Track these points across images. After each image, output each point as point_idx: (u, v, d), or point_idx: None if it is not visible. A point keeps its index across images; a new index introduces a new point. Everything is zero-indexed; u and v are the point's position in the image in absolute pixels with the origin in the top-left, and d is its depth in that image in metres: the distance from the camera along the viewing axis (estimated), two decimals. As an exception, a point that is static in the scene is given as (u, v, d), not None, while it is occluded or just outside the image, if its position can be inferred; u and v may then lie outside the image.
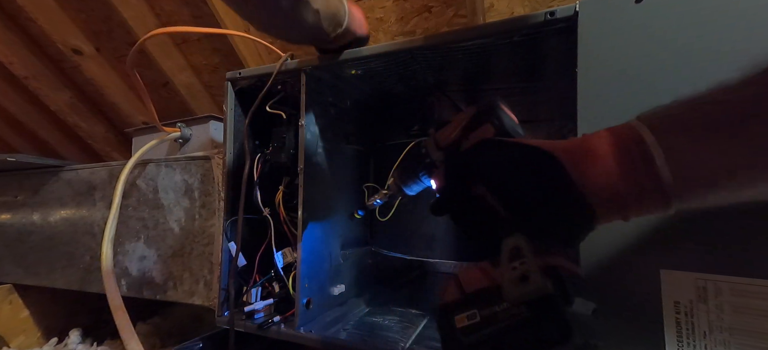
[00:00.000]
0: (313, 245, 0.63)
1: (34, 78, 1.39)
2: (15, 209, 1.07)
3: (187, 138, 0.96)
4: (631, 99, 0.40)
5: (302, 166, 0.61)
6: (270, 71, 0.64)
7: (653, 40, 0.40)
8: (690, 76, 0.38)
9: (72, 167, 1.00)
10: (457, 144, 0.38)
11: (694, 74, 0.38)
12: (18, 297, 1.08)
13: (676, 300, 0.38)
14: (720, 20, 0.37)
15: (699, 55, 0.38)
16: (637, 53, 0.41)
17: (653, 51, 0.40)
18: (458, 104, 0.81)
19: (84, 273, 0.93)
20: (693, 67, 0.38)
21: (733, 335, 0.36)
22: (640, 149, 0.25)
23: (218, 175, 0.76)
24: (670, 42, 0.39)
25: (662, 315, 0.38)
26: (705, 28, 0.38)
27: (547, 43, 0.51)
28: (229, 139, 0.71)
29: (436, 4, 0.89)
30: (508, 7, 0.83)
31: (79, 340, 1.06)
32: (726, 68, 0.37)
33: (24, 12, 1.18)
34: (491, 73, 0.64)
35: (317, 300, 0.64)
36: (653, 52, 0.40)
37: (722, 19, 0.37)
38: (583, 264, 0.41)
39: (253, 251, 0.70)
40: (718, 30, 0.38)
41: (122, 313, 0.75)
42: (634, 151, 0.26)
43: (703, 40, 0.38)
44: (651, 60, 0.40)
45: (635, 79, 0.40)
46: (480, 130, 0.36)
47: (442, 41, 0.53)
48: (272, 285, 0.68)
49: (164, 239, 0.82)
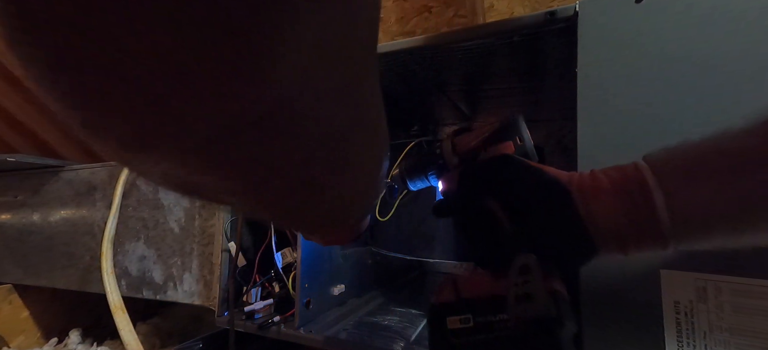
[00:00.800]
0: (312, 246, 0.63)
1: (34, 78, 1.39)
2: (15, 209, 1.07)
3: (187, 138, 0.96)
4: (631, 99, 0.40)
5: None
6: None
7: (653, 40, 0.40)
8: (690, 76, 0.38)
9: (72, 167, 1.00)
10: (473, 153, 0.38)
11: (693, 74, 0.38)
12: (18, 297, 1.08)
13: (676, 300, 0.38)
14: (721, 20, 0.37)
15: (699, 55, 0.38)
16: (638, 53, 0.41)
17: (654, 51, 0.40)
18: (458, 104, 0.81)
19: (84, 273, 0.93)
20: (693, 67, 0.38)
21: (733, 335, 0.36)
22: (642, 192, 0.27)
23: (218, 175, 0.76)
24: (670, 42, 0.39)
25: (662, 315, 0.38)
26: (706, 28, 0.38)
27: (547, 44, 0.51)
28: (229, 139, 0.71)
29: (436, 4, 0.89)
30: (508, 7, 0.83)
31: (79, 340, 1.06)
32: (726, 69, 0.37)
33: (24, 12, 1.18)
34: (491, 73, 0.64)
35: (317, 300, 0.64)
36: (653, 53, 0.40)
37: (723, 19, 0.37)
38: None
39: (253, 252, 0.70)
40: (718, 30, 0.38)
41: (122, 313, 0.75)
42: (637, 193, 0.27)
43: (703, 41, 0.38)
44: (651, 60, 0.40)
45: (635, 80, 0.40)
46: (501, 145, 0.37)
47: (442, 41, 0.53)
48: (272, 285, 0.68)
49: (164, 239, 0.83)
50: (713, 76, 0.37)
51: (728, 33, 0.37)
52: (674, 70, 0.39)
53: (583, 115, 0.43)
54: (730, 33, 0.37)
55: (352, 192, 0.25)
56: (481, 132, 0.39)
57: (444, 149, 0.41)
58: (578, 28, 0.43)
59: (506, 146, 0.37)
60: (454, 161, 0.41)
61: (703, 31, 0.38)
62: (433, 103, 0.83)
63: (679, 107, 0.38)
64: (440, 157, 0.42)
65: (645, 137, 0.39)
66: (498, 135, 0.37)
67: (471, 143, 0.39)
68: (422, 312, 0.72)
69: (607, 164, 0.35)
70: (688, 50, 0.38)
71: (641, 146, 0.39)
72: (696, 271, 0.37)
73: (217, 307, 0.68)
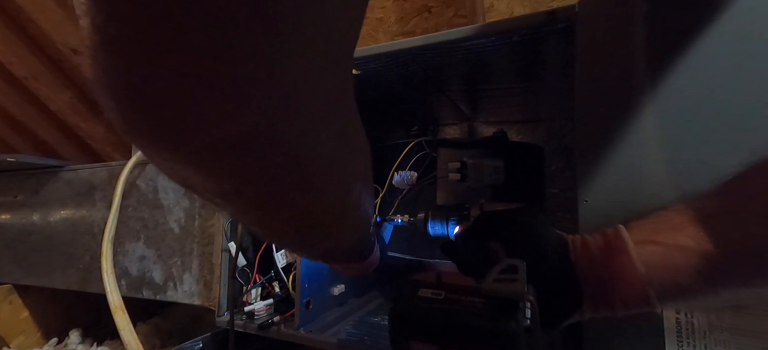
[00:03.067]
0: (313, 246, 0.63)
1: (34, 78, 1.39)
2: (15, 209, 1.07)
3: (187, 138, 0.96)
4: (631, 99, 0.40)
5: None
6: (270, 71, 0.64)
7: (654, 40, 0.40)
8: (690, 76, 0.38)
9: (72, 167, 1.00)
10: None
11: (694, 75, 0.38)
12: (18, 297, 1.08)
13: (676, 300, 0.38)
14: (722, 20, 0.37)
15: (700, 55, 0.38)
16: (637, 53, 0.41)
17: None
18: (458, 104, 0.81)
19: (84, 273, 0.93)
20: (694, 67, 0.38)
21: (733, 335, 0.36)
22: (621, 250, 0.30)
23: (218, 175, 0.75)
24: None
25: (662, 315, 0.38)
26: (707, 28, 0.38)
27: (547, 43, 0.51)
28: (229, 139, 0.71)
29: (436, 4, 0.89)
30: (508, 7, 0.83)
31: (79, 340, 1.06)
32: (726, 69, 0.37)
33: (24, 12, 1.18)
34: (491, 73, 0.64)
35: (317, 300, 0.64)
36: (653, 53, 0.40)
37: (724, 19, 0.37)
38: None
39: (253, 252, 0.70)
40: (719, 30, 0.38)
41: (122, 313, 0.75)
42: (617, 255, 0.30)
43: (704, 41, 0.38)
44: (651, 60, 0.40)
45: (635, 80, 0.40)
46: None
47: (442, 41, 0.53)
48: (272, 285, 0.68)
49: (164, 239, 0.82)
50: (713, 77, 0.37)
51: (730, 34, 0.37)
52: (674, 70, 0.39)
53: (581, 116, 0.43)
54: (733, 34, 0.37)
55: (318, 212, 0.25)
56: (509, 206, 0.43)
57: (472, 210, 0.46)
58: (578, 28, 0.43)
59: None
60: (476, 214, 0.44)
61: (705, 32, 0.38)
62: (433, 103, 0.83)
63: (678, 106, 0.38)
64: (466, 209, 0.48)
65: (645, 136, 0.39)
66: (523, 213, 0.39)
67: (497, 207, 0.43)
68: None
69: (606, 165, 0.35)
70: (689, 50, 0.38)
71: (641, 145, 0.39)
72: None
73: (217, 307, 0.68)
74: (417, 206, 0.85)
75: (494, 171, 0.55)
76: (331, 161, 0.22)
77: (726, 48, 0.37)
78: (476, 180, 0.55)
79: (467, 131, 0.91)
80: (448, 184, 0.58)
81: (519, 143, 0.80)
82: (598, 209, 0.41)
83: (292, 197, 0.21)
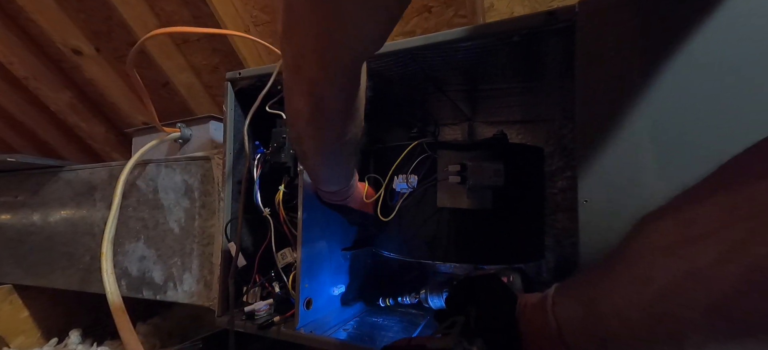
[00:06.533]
0: (313, 245, 0.63)
1: (34, 78, 1.39)
2: (15, 209, 1.07)
3: (187, 138, 0.96)
4: (631, 99, 0.40)
5: (302, 166, 0.61)
6: (270, 71, 0.64)
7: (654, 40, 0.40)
8: (689, 76, 0.38)
9: (72, 168, 1.00)
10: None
11: (693, 75, 0.38)
12: (18, 297, 1.08)
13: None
14: (721, 21, 0.37)
15: (699, 56, 0.38)
16: (637, 53, 0.41)
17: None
18: (458, 104, 0.81)
19: (84, 273, 0.93)
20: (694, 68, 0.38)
21: (733, 335, 0.35)
22: (542, 310, 0.35)
23: (218, 175, 0.76)
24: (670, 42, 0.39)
25: None
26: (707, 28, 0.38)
27: (547, 43, 0.51)
28: (229, 139, 0.71)
29: (436, 4, 0.89)
30: (508, 7, 0.83)
31: (79, 340, 1.06)
32: (726, 70, 0.37)
33: (24, 12, 1.18)
34: (491, 73, 0.64)
35: (317, 300, 0.64)
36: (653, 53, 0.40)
37: (724, 19, 0.37)
38: (583, 259, 0.42)
39: (253, 252, 0.70)
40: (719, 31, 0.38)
41: (122, 313, 0.75)
42: (539, 312, 0.35)
43: (704, 41, 0.38)
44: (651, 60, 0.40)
45: (634, 80, 0.40)
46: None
47: (442, 41, 0.53)
48: (272, 285, 0.68)
49: (164, 240, 0.82)
50: (713, 77, 0.37)
51: (728, 33, 0.37)
52: (673, 70, 0.39)
53: (581, 115, 0.43)
54: (732, 34, 0.37)
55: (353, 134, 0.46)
56: (487, 272, 0.52)
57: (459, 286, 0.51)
58: (578, 28, 0.43)
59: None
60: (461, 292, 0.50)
61: (704, 32, 0.38)
62: (433, 103, 0.83)
63: (678, 106, 0.38)
64: (455, 280, 0.58)
65: (644, 136, 0.39)
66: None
67: (480, 273, 0.49)
68: (422, 312, 0.72)
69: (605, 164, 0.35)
70: (688, 51, 0.38)
71: (640, 145, 0.39)
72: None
73: (217, 307, 0.68)
74: (419, 207, 0.85)
75: (494, 173, 0.55)
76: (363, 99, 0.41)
77: (725, 47, 0.37)
78: (477, 182, 0.55)
79: (467, 131, 0.91)
80: (449, 187, 0.58)
81: (519, 144, 0.80)
82: (598, 209, 0.41)
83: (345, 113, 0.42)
